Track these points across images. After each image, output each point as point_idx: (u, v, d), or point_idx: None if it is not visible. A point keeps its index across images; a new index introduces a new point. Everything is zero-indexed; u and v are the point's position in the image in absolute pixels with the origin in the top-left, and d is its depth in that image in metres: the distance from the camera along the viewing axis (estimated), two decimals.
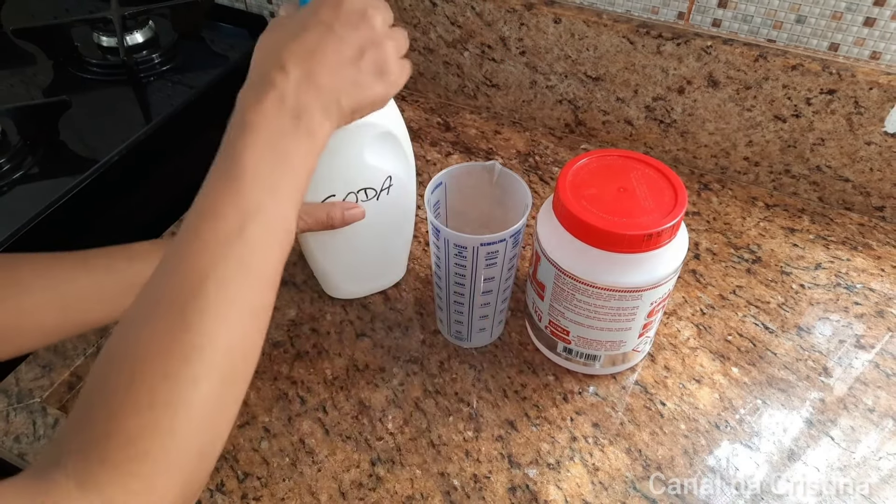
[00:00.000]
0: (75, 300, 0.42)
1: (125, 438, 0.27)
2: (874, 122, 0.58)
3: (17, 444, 0.49)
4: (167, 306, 0.30)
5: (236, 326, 0.31)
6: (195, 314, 0.30)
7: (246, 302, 0.32)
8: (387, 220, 0.52)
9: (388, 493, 0.46)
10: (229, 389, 0.31)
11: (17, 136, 0.66)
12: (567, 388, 0.51)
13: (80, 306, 0.42)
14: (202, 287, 0.30)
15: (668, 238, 0.42)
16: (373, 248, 0.54)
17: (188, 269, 0.31)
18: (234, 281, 0.31)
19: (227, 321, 0.31)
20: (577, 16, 0.65)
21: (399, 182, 0.50)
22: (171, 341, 0.29)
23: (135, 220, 0.69)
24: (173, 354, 0.29)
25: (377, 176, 0.48)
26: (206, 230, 0.32)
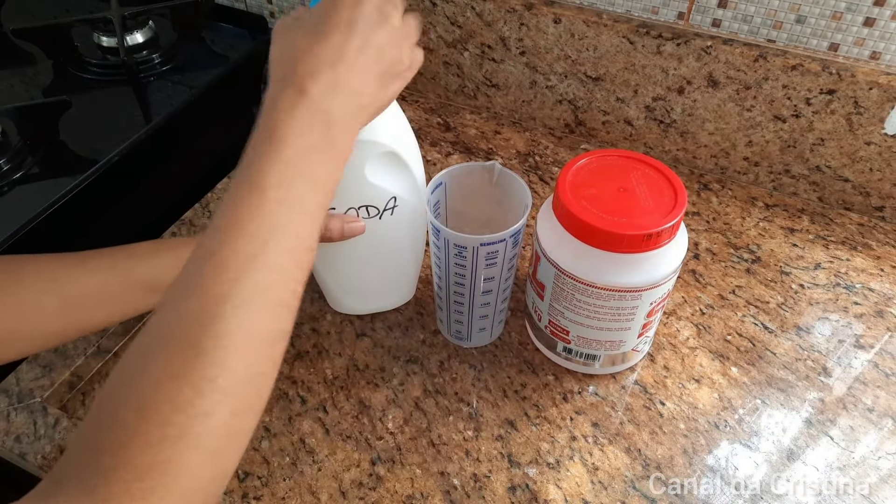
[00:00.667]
0: (77, 302, 0.42)
1: (132, 474, 0.26)
2: (874, 122, 0.58)
3: (17, 443, 0.49)
4: (181, 332, 0.29)
5: (252, 355, 0.30)
6: (210, 341, 0.28)
7: (264, 328, 0.30)
8: (390, 240, 0.50)
9: (389, 493, 0.46)
10: (241, 422, 0.30)
11: (17, 136, 0.66)
12: (567, 387, 0.51)
13: (81, 308, 0.42)
14: (219, 311, 0.29)
15: (667, 238, 0.43)
16: (374, 267, 0.53)
17: (205, 291, 0.29)
18: (253, 305, 0.29)
19: (244, 349, 0.29)
20: (577, 16, 0.65)
21: (405, 204, 0.48)
22: (184, 371, 0.28)
23: (135, 220, 0.69)
24: (186, 385, 0.27)
25: (379, 195, 0.47)
26: (227, 248, 0.30)
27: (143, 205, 0.69)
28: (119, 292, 0.43)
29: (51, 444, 0.48)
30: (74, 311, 0.42)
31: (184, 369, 0.28)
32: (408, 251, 0.53)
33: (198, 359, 0.28)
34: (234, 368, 0.29)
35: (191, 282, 0.30)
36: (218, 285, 0.29)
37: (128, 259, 0.44)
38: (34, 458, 0.48)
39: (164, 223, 0.64)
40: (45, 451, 0.48)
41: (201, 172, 0.72)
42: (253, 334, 0.29)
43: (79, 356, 0.53)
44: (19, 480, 0.55)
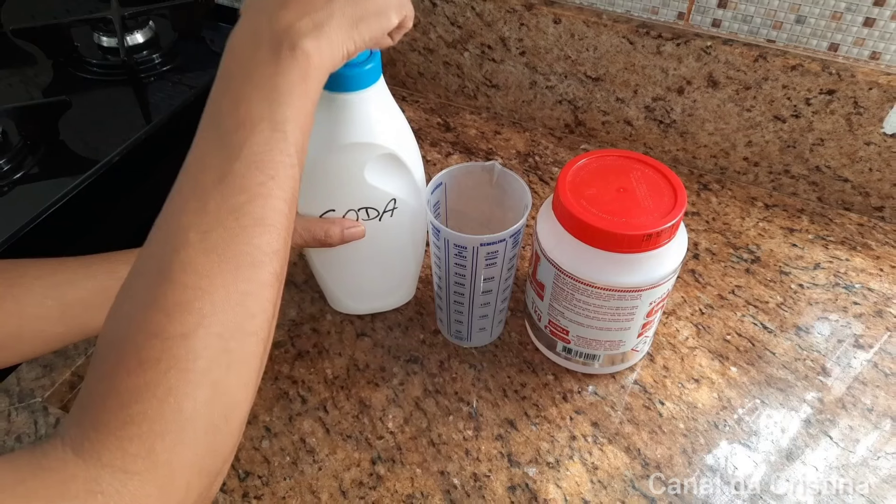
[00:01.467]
0: (78, 306, 0.41)
1: (117, 401, 0.26)
2: (874, 122, 0.58)
3: (18, 443, 0.49)
4: (150, 265, 0.29)
5: (229, 276, 0.29)
6: (177, 267, 0.28)
7: (240, 249, 0.30)
8: (390, 241, 0.50)
9: (389, 492, 0.46)
10: (234, 344, 0.29)
11: (17, 136, 0.66)
12: (566, 387, 0.51)
13: (83, 312, 0.42)
14: (184, 239, 0.29)
15: (667, 238, 0.43)
16: (375, 268, 0.53)
17: (170, 225, 0.30)
18: (221, 228, 0.29)
19: (217, 271, 0.29)
20: (576, 16, 0.65)
21: (405, 205, 0.48)
22: (152, 298, 0.28)
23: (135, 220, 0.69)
24: (157, 311, 0.28)
25: (379, 196, 0.47)
26: (187, 182, 0.31)
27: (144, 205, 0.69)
28: None
29: None
30: (76, 314, 0.42)
31: (152, 297, 0.28)
32: (408, 252, 0.53)
33: (164, 284, 0.28)
34: (208, 289, 0.28)
35: (159, 221, 0.31)
36: (183, 217, 0.29)
37: (128, 263, 0.44)
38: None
39: None
40: None
41: None
42: (227, 257, 0.29)
43: (79, 356, 0.54)
44: None
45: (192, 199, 0.30)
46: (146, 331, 0.27)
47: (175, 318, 0.28)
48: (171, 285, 0.28)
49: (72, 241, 0.62)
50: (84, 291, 0.42)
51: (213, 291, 0.29)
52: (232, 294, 0.29)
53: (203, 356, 0.28)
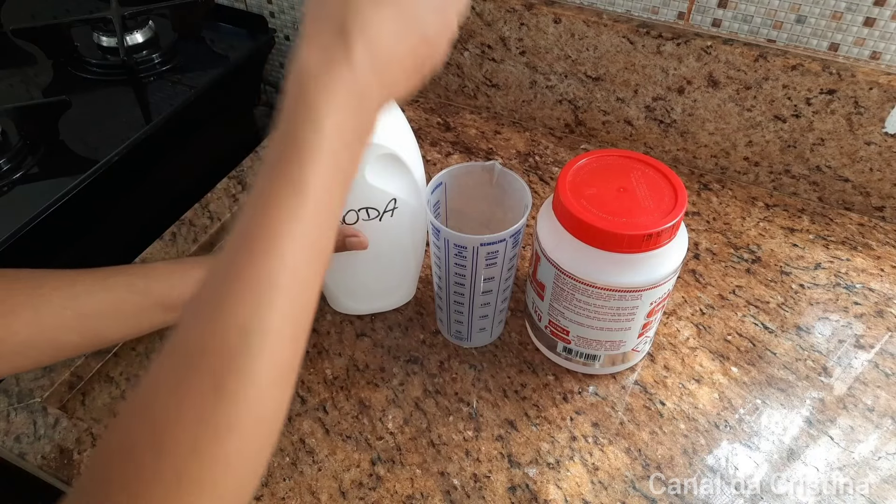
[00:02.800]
0: (94, 317, 0.42)
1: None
2: (874, 122, 0.58)
3: (17, 443, 0.49)
4: (203, 365, 0.26)
5: (275, 390, 0.27)
6: (233, 379, 0.26)
7: (285, 359, 0.27)
8: (390, 242, 0.50)
9: (389, 493, 0.46)
10: (259, 458, 0.28)
11: (17, 136, 0.66)
12: (567, 387, 0.51)
13: (97, 324, 0.42)
14: (244, 343, 0.26)
15: (667, 238, 0.43)
16: (375, 268, 0.52)
17: (228, 316, 0.26)
18: (277, 334, 0.27)
19: (266, 386, 0.27)
20: (577, 16, 0.65)
21: (406, 206, 0.48)
22: (204, 415, 0.26)
23: (135, 220, 0.69)
24: (206, 430, 0.26)
25: (379, 197, 0.47)
26: (254, 263, 0.27)
27: (143, 205, 0.69)
28: (136, 310, 0.43)
29: (50, 444, 0.48)
30: (91, 325, 0.42)
31: (204, 412, 0.26)
32: (408, 252, 0.53)
33: (220, 402, 0.26)
34: (254, 410, 0.27)
35: (214, 300, 0.27)
36: (242, 310, 0.26)
37: (145, 277, 0.45)
38: (34, 458, 0.48)
39: (164, 223, 0.64)
40: (44, 452, 0.48)
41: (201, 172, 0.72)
42: (275, 367, 0.27)
43: (79, 356, 0.53)
44: (19, 480, 0.55)
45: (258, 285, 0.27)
46: (191, 448, 0.26)
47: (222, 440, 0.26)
48: (225, 402, 0.26)
49: (72, 241, 0.62)
50: (101, 304, 0.42)
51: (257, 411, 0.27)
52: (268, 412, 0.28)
53: (233, 479, 0.27)
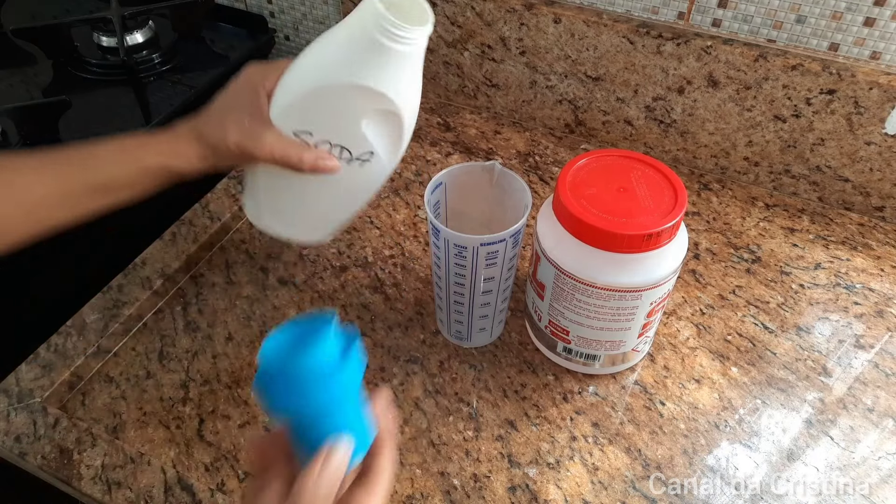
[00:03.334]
0: (38, 206, 0.42)
1: None
2: (874, 122, 0.58)
3: (17, 443, 0.49)
4: None
5: None
6: None
7: None
8: (346, 186, 0.49)
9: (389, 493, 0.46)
10: None
11: (17, 136, 0.66)
12: (567, 387, 0.51)
13: (43, 211, 0.43)
14: None
15: (667, 238, 0.43)
16: (315, 198, 0.50)
17: None
18: None
19: None
20: (577, 16, 0.65)
21: (378, 164, 0.47)
22: None
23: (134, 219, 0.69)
24: None
25: (361, 145, 0.45)
26: None
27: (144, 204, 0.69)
28: (79, 194, 0.43)
29: (50, 444, 0.48)
30: (37, 215, 0.43)
31: None
32: (353, 202, 0.52)
33: None
34: None
35: None
36: None
37: (83, 165, 0.44)
38: (34, 459, 0.48)
39: (164, 223, 0.64)
40: (44, 452, 0.48)
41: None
42: None
43: (78, 356, 0.53)
44: (19, 480, 0.55)
45: None
46: None
47: None
48: None
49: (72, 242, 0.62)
50: (44, 191, 0.43)
51: None
52: None
53: None
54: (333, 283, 0.60)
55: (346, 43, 0.42)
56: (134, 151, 0.45)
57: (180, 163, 0.45)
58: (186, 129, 0.45)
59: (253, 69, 0.46)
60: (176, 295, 0.60)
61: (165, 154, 0.45)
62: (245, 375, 0.53)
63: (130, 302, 0.57)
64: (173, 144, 0.45)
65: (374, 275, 0.60)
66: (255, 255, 0.62)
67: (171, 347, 0.55)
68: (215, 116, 0.45)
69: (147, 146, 0.45)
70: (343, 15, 0.77)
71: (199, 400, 0.52)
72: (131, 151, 0.45)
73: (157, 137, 0.45)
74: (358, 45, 0.41)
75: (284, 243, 0.63)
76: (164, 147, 0.45)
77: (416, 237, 0.63)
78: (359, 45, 0.41)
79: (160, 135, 0.45)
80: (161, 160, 0.44)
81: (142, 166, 0.44)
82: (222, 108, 0.46)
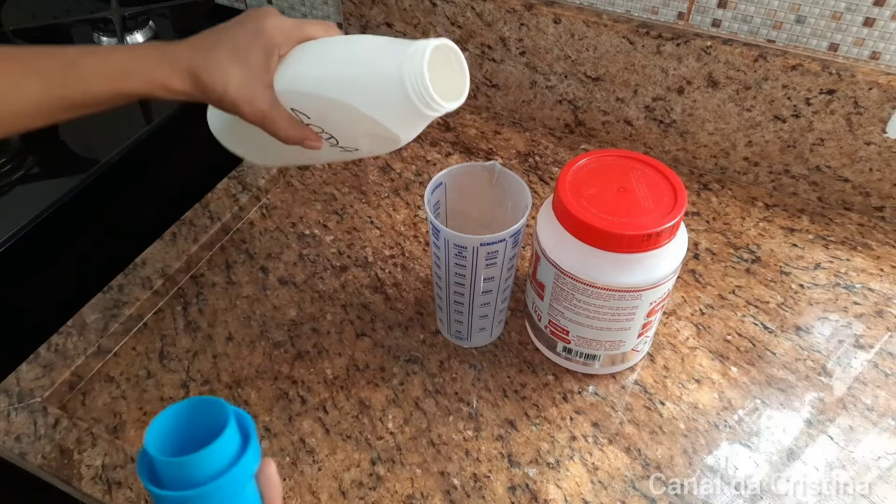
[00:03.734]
0: (13, 116, 0.41)
1: None
2: (874, 122, 0.58)
3: (17, 443, 0.49)
4: None
5: None
6: None
7: None
8: (315, 152, 0.48)
9: (389, 493, 0.46)
10: None
11: (17, 137, 0.66)
12: (567, 387, 0.51)
13: (15, 120, 0.42)
14: None
15: (667, 238, 0.43)
16: (276, 145, 0.48)
17: None
18: None
19: None
20: (576, 16, 0.65)
21: (358, 154, 0.47)
22: None
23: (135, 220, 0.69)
24: None
25: (351, 142, 0.45)
26: None
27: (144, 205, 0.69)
28: (54, 111, 0.42)
29: (51, 444, 0.49)
30: (8, 123, 0.42)
31: None
32: (316, 159, 0.54)
33: None
34: None
35: None
36: None
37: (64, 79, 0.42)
38: (34, 458, 0.48)
39: (164, 223, 0.64)
40: (45, 451, 0.48)
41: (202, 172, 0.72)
42: None
43: (79, 356, 0.53)
44: (19, 480, 0.55)
45: None
46: None
47: None
48: None
49: (72, 242, 0.62)
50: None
51: None
52: None
53: None
54: (333, 283, 0.60)
55: (378, 77, 0.40)
56: (119, 74, 0.42)
57: (164, 94, 0.43)
58: (181, 63, 0.42)
59: (275, 28, 0.43)
60: (176, 295, 0.60)
61: (151, 84, 0.42)
62: (246, 375, 0.53)
63: (131, 302, 0.57)
64: (163, 78, 0.42)
65: (374, 275, 0.60)
66: (255, 255, 0.63)
67: (172, 347, 0.55)
68: (218, 62, 0.42)
69: (134, 72, 0.43)
70: (343, 15, 0.78)
71: None
72: (116, 73, 0.42)
73: (146, 62, 0.43)
74: (390, 89, 0.40)
75: (284, 243, 0.63)
76: (153, 76, 0.42)
77: (416, 237, 0.63)
78: (390, 89, 0.40)
79: (149, 58, 0.43)
80: (146, 88, 0.42)
81: (125, 91, 0.42)
82: (229, 56, 0.42)
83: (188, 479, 0.28)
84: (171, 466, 0.28)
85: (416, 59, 0.38)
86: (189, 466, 0.28)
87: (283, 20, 0.43)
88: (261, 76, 0.42)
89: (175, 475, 0.28)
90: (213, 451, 0.28)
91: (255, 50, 0.42)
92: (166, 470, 0.28)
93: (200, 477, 0.28)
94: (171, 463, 0.27)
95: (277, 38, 0.43)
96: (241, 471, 0.29)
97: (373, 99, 0.41)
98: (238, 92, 0.42)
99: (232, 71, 0.42)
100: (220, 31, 0.43)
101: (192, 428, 0.30)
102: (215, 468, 0.28)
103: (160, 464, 0.28)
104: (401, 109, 0.40)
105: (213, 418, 0.29)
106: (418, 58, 0.38)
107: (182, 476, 0.28)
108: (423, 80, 0.38)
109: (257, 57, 0.42)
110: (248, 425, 0.30)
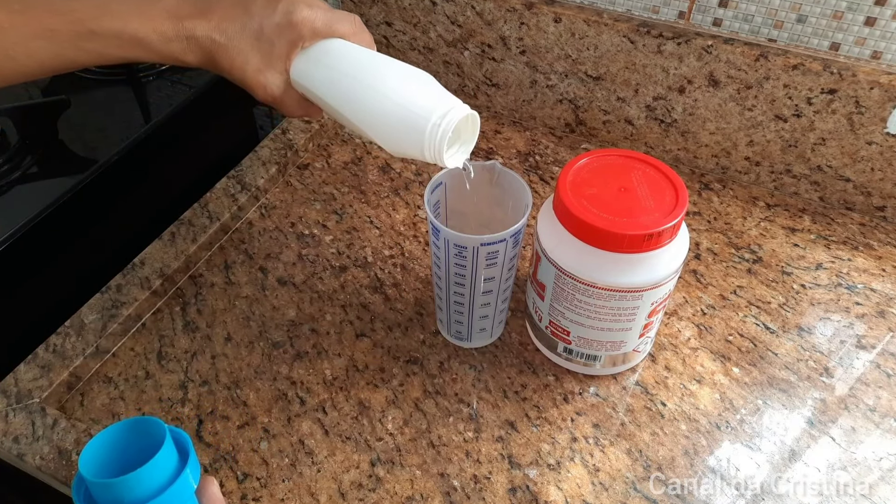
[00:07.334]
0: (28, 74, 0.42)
1: None
2: (875, 121, 0.58)
3: (15, 444, 0.48)
4: None
5: None
6: None
7: None
8: None
9: (388, 494, 0.46)
10: None
11: (16, 136, 0.65)
12: (567, 388, 0.51)
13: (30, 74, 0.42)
14: None
15: (668, 238, 0.42)
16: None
17: None
18: None
19: None
20: (577, 15, 0.65)
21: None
22: None
23: (135, 220, 0.68)
24: None
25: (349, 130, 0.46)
26: None
27: (143, 205, 0.69)
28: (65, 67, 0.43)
29: (49, 444, 0.48)
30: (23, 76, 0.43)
31: None
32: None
33: None
34: None
35: None
36: None
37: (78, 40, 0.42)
38: (32, 459, 0.48)
39: (164, 223, 0.64)
40: (43, 452, 0.48)
41: (201, 172, 0.72)
42: None
43: (77, 356, 0.53)
44: (18, 481, 0.54)
45: None
46: None
47: None
48: None
49: (71, 242, 0.62)
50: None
51: None
52: None
53: None
54: (333, 283, 0.60)
55: (397, 117, 0.41)
56: (133, 44, 0.42)
57: (177, 64, 0.44)
58: (199, 41, 0.42)
59: (305, 22, 0.43)
60: (175, 295, 0.59)
61: (166, 57, 0.43)
62: (244, 376, 0.53)
63: (129, 302, 0.57)
64: (179, 53, 0.42)
65: (373, 275, 0.60)
66: (255, 255, 0.62)
67: (170, 348, 0.55)
68: (239, 49, 0.42)
69: (149, 45, 0.42)
70: None
71: (197, 401, 0.51)
72: (130, 43, 0.42)
73: (163, 35, 0.42)
74: (409, 135, 0.41)
75: (283, 243, 0.63)
76: (168, 49, 0.42)
77: (416, 237, 0.63)
78: (404, 136, 0.41)
79: (166, 30, 0.42)
80: (159, 59, 0.43)
81: (138, 58, 0.43)
82: (251, 45, 0.42)
83: (125, 500, 0.27)
84: (105, 488, 0.27)
85: (439, 135, 0.40)
86: (124, 487, 0.27)
87: (314, 13, 0.43)
88: (278, 66, 0.43)
89: (111, 497, 0.27)
90: (149, 471, 0.27)
91: (279, 43, 0.43)
92: (102, 492, 0.27)
93: (137, 498, 0.27)
94: (105, 485, 0.27)
95: (305, 32, 0.43)
96: (179, 490, 0.28)
97: (388, 134, 0.42)
98: (255, 77, 0.43)
99: (251, 58, 0.43)
100: (247, 6, 0.42)
101: (130, 449, 0.29)
102: (152, 488, 0.28)
103: (94, 486, 0.27)
104: (405, 148, 0.42)
105: (150, 439, 0.29)
106: (441, 133, 0.40)
107: (118, 498, 0.27)
108: (441, 154, 0.40)
109: (280, 49, 0.43)
110: (186, 444, 0.30)
